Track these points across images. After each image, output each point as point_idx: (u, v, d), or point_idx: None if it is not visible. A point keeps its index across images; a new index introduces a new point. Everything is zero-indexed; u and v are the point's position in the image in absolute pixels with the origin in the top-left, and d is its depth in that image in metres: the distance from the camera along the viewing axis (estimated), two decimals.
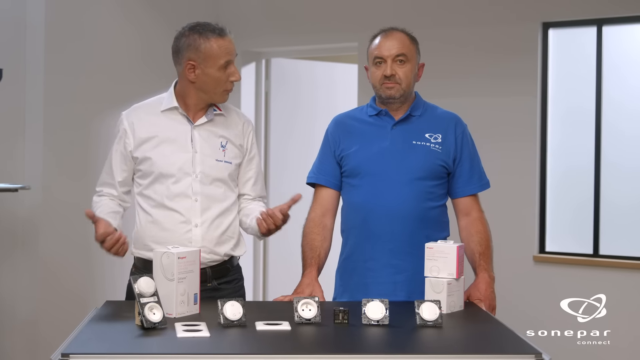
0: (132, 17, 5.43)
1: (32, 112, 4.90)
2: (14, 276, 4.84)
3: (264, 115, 6.50)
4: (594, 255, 5.16)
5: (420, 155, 3.06)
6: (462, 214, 3.15)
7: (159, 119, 3.06)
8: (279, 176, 6.42)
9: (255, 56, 6.41)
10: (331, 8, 5.97)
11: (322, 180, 3.18)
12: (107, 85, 5.20)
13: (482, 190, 3.17)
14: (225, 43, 2.96)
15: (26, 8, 4.89)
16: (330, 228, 3.16)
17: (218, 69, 2.95)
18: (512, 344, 2.31)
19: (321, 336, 2.38)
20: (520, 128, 5.32)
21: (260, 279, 6.52)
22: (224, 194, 3.07)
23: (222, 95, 3.03)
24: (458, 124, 3.16)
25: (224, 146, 3.07)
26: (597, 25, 5.15)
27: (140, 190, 3.07)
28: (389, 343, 2.34)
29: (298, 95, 6.56)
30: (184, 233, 3.00)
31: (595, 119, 5.16)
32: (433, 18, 5.57)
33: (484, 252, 3.06)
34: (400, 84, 3.05)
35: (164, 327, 2.40)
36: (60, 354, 2.09)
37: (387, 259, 3.04)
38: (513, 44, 5.33)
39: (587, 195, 5.21)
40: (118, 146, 3.07)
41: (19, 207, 4.86)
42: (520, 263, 5.27)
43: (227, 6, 6.27)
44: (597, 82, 5.14)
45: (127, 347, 2.22)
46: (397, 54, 3.05)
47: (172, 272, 2.56)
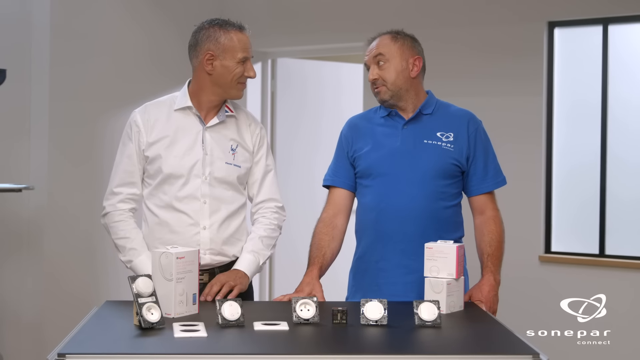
0: (137, 16, 5.44)
1: (37, 112, 4.91)
2: (18, 277, 4.85)
3: (270, 115, 6.51)
4: (600, 255, 5.14)
5: (431, 154, 3.04)
6: (477, 213, 3.14)
7: (171, 118, 3.05)
8: (285, 176, 6.41)
9: (262, 56, 6.42)
10: (338, 8, 5.97)
11: (335, 182, 3.19)
12: (113, 84, 5.21)
13: (497, 187, 3.15)
14: (244, 38, 2.99)
15: (32, 8, 4.90)
16: (341, 228, 3.15)
17: (236, 62, 2.96)
18: (509, 344, 2.30)
19: (318, 336, 2.38)
20: (525, 128, 5.31)
21: (267, 279, 6.52)
22: (232, 197, 3.07)
23: (237, 89, 3.02)
24: (471, 121, 3.13)
25: (234, 149, 3.07)
26: (603, 24, 5.13)
27: (149, 191, 3.06)
28: (385, 343, 2.33)
29: (304, 95, 6.57)
30: (193, 235, 3.00)
31: (601, 119, 5.14)
32: (438, 18, 5.57)
33: (492, 254, 3.04)
34: (385, 84, 3.05)
35: (162, 327, 2.39)
36: (57, 354, 2.09)
37: (399, 260, 3.03)
38: (518, 43, 5.32)
39: (593, 196, 5.19)
40: (132, 144, 3.05)
41: (24, 207, 4.87)
42: (526, 263, 5.26)
43: (233, 5, 6.27)
44: (602, 82, 5.13)
45: (123, 347, 2.21)
46: (374, 56, 3.06)
47: (171, 272, 2.56)
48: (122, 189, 3.06)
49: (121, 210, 3.04)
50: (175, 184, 3.00)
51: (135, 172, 3.05)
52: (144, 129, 3.04)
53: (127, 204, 3.05)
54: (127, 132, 3.07)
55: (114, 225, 3.03)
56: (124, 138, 3.08)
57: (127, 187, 3.06)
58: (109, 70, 5.23)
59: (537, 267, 5.25)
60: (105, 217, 3.08)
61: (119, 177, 3.07)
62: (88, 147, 5.13)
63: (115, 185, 3.07)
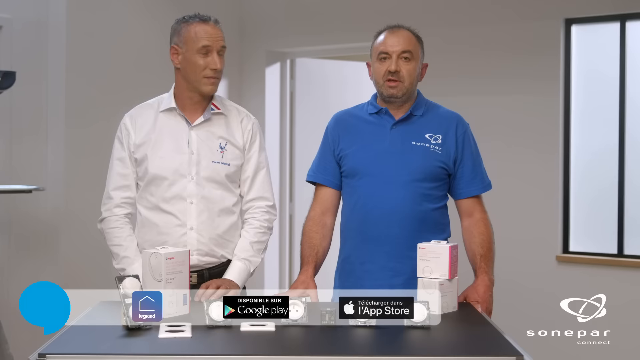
0: (154, 17, 5.45)
1: (53, 114, 4.95)
2: (35, 278, 4.86)
3: (289, 116, 6.49)
4: (618, 255, 5.07)
5: (418, 156, 3.01)
6: (465, 215, 3.10)
7: (157, 120, 3.05)
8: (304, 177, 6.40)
9: (280, 56, 6.41)
10: (356, 6, 5.94)
11: (322, 180, 3.16)
12: (129, 86, 5.22)
13: (485, 191, 3.12)
14: (206, 28, 2.96)
15: (48, 10, 4.95)
16: (330, 227, 3.14)
17: (196, 52, 2.95)
18: (495, 345, 2.28)
19: (303, 337, 2.36)
20: (542, 127, 5.24)
21: (287, 269, 6.51)
22: (222, 196, 3.04)
23: (204, 83, 2.98)
24: (459, 124, 3.09)
25: (223, 147, 3.05)
26: (620, 20, 5.05)
27: (139, 193, 3.07)
28: (372, 344, 2.32)
29: (323, 95, 6.53)
30: (180, 236, 2.98)
31: (619, 117, 5.06)
32: (454, 16, 5.51)
33: (485, 254, 3.01)
34: (404, 82, 3.00)
35: (149, 327, 2.40)
36: (37, 354, 2.11)
37: (384, 262, 3.01)
38: (535, 41, 5.25)
39: (611, 195, 5.12)
40: (123, 146, 3.07)
41: (41, 209, 4.91)
42: (543, 263, 5.20)
43: (251, 6, 6.28)
44: (620, 79, 5.05)
45: (105, 347, 2.22)
46: (403, 50, 3.00)
47: (160, 272, 2.56)
48: (116, 192, 3.06)
49: (117, 216, 3.04)
50: (162, 185, 2.99)
51: (128, 174, 3.06)
52: (133, 131, 3.05)
53: (123, 208, 3.06)
54: (118, 135, 3.10)
55: (110, 232, 3.04)
56: (116, 141, 3.10)
57: (121, 191, 3.06)
58: (125, 71, 5.26)
59: (555, 267, 5.18)
60: (101, 223, 3.08)
61: (113, 180, 3.08)
62: (104, 148, 5.13)
63: (111, 189, 3.07)
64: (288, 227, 6.48)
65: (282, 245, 6.44)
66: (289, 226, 6.49)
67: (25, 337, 4.85)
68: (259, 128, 3.17)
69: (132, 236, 3.04)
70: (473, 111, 3.99)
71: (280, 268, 6.47)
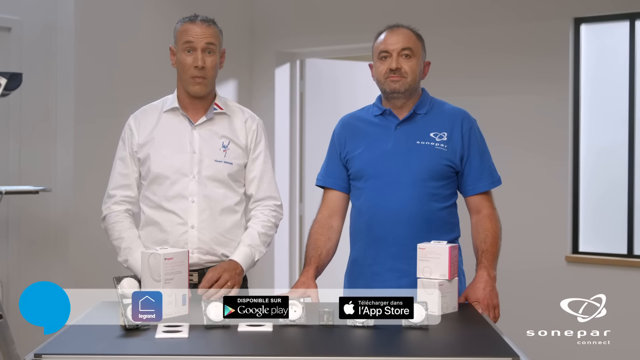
0: (163, 19, 5.45)
1: (63, 115, 4.97)
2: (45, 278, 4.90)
3: (299, 117, 6.49)
4: (628, 255, 5.04)
5: (423, 155, 3.00)
6: (473, 212, 3.09)
7: (160, 120, 3.08)
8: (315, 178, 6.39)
9: (290, 57, 6.41)
10: (365, 6, 5.94)
11: (330, 183, 3.17)
12: (138, 87, 5.24)
13: (493, 187, 3.09)
14: (192, 27, 2.98)
15: (56, 12, 4.97)
16: (336, 229, 3.14)
17: (182, 51, 2.98)
18: (492, 346, 2.26)
19: (301, 338, 2.36)
20: (551, 127, 5.22)
21: (297, 267, 6.51)
22: (224, 195, 3.05)
23: (190, 83, 3.00)
24: (465, 120, 3.07)
25: (226, 146, 3.06)
26: (630, 19, 5.02)
27: (142, 192, 3.09)
28: (369, 345, 2.31)
29: (332, 95, 6.53)
30: (181, 235, 2.99)
31: (628, 117, 5.04)
32: (463, 16, 5.50)
33: (487, 250, 2.98)
34: (406, 77, 3.00)
35: (147, 328, 2.40)
36: (33, 354, 2.12)
37: (392, 263, 3.00)
38: (544, 40, 5.23)
39: (622, 196, 5.09)
40: (125, 147, 3.10)
41: (51, 210, 4.93)
42: (553, 264, 5.18)
43: (261, 7, 6.29)
44: (630, 78, 5.02)
45: (101, 347, 2.23)
46: (403, 48, 3.00)
47: (159, 273, 2.57)
48: (117, 191, 3.09)
49: (116, 212, 3.07)
50: (164, 183, 3.01)
51: (129, 174, 3.08)
52: (136, 132, 3.08)
53: (121, 205, 3.08)
54: (122, 136, 3.13)
55: (110, 227, 3.06)
56: (120, 142, 3.13)
57: (121, 190, 3.09)
58: (134, 73, 5.28)
59: (564, 267, 5.16)
60: (103, 221, 3.11)
61: (114, 180, 3.11)
62: (113, 150, 5.14)
63: (111, 188, 3.10)
64: (298, 228, 6.49)
65: (292, 246, 6.45)
66: (299, 226, 6.49)
67: (32, 337, 4.89)
68: (263, 129, 3.19)
69: (132, 229, 3.05)
70: (483, 112, 3.98)
71: (290, 268, 6.48)
